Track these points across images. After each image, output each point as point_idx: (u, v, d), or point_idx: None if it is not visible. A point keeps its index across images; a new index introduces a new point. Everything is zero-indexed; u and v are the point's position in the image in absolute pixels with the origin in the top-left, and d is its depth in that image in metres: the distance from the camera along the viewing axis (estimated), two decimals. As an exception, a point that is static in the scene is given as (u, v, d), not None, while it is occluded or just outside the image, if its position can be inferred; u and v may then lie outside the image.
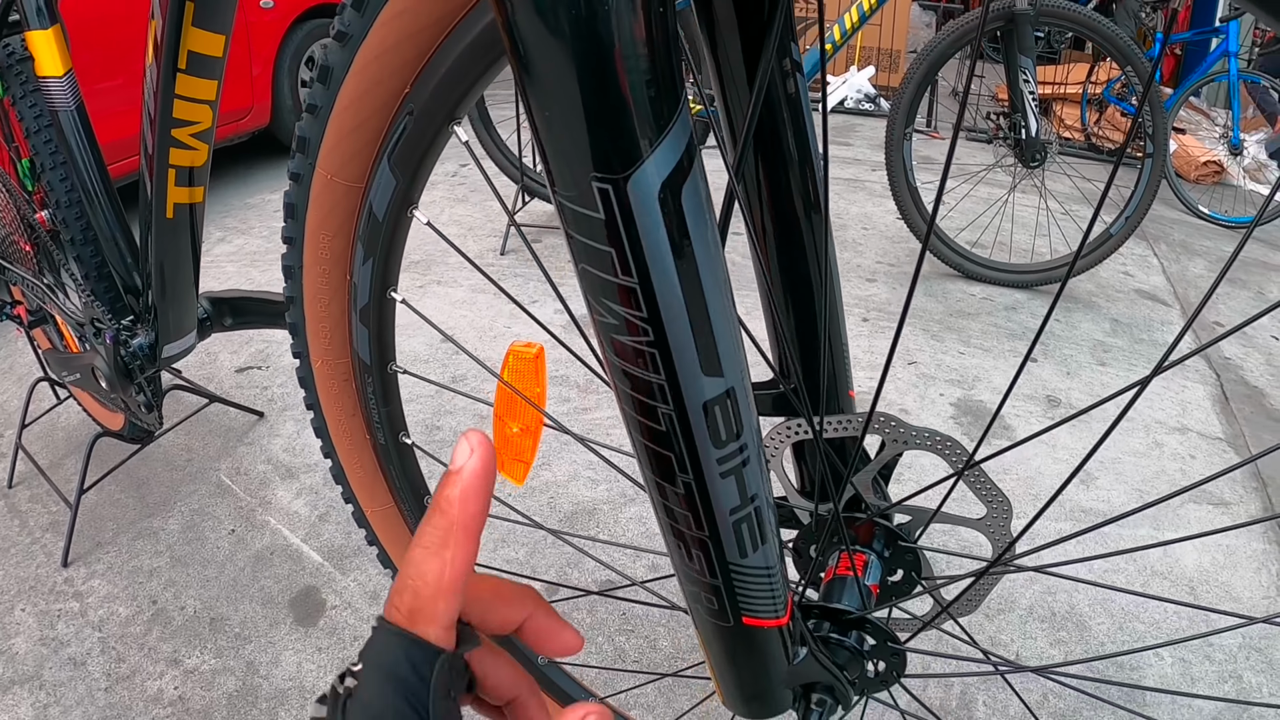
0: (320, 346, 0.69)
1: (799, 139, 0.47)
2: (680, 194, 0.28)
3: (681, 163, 0.27)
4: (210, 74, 0.87)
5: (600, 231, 0.28)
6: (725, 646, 0.42)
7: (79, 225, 1.15)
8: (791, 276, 0.51)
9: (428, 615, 0.30)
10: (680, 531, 0.36)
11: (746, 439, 0.32)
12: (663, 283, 0.28)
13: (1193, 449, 1.72)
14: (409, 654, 0.29)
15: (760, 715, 0.48)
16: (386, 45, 0.48)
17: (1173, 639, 1.26)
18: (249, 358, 1.98)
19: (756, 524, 0.35)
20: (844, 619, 0.51)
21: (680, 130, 0.27)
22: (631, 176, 0.27)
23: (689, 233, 0.28)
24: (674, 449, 0.32)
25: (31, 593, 1.27)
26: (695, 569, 0.37)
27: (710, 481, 0.33)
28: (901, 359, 2.03)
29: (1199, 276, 2.59)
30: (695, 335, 0.29)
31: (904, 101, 2.21)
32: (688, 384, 0.30)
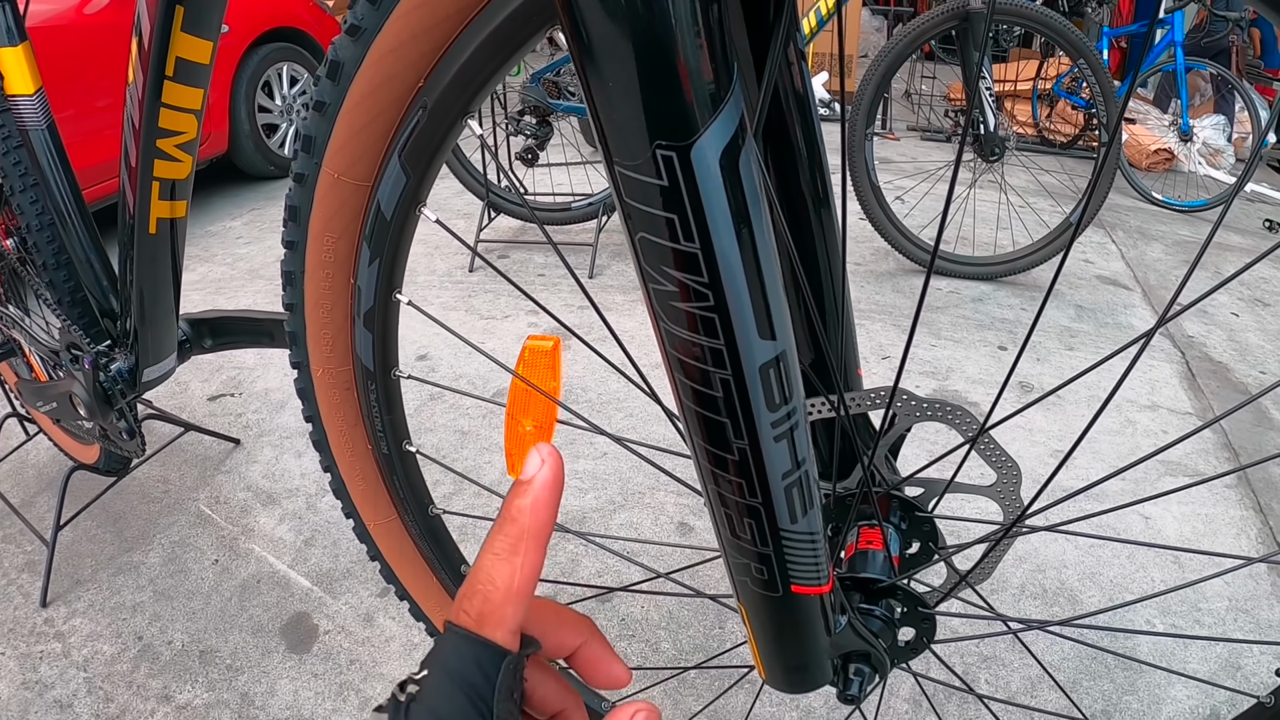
0: (322, 354, 0.68)
1: (806, 129, 0.48)
2: (737, 162, 0.28)
3: (738, 132, 0.28)
4: (198, 82, 0.85)
5: (662, 199, 0.28)
6: (773, 618, 0.42)
7: (52, 249, 1.12)
8: (800, 257, 0.52)
9: (496, 619, 0.31)
10: (732, 501, 0.36)
11: (796, 403, 0.33)
12: (724, 247, 0.29)
13: (1164, 424, 1.76)
14: (477, 656, 0.30)
15: (803, 687, 0.48)
16: (403, 39, 0.48)
17: (1166, 589, 1.28)
18: (220, 385, 1.94)
19: (806, 487, 0.35)
20: (874, 588, 0.51)
21: (736, 101, 0.28)
22: (694, 144, 0.27)
23: (745, 199, 0.29)
24: (731, 414, 0.32)
25: (11, 635, 1.22)
26: (746, 539, 0.37)
27: (765, 446, 0.33)
28: (875, 354, 2.06)
29: (1157, 260, 2.66)
30: (753, 299, 0.30)
31: (863, 104, 2.25)
32: (745, 348, 0.30)
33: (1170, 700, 1.13)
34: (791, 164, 0.50)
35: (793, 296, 0.54)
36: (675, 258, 0.29)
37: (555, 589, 1.29)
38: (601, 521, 1.46)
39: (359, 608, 1.27)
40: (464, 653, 0.30)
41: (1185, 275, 0.35)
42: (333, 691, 1.13)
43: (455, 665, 0.30)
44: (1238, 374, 1.99)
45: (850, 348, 0.58)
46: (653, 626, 1.23)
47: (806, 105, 0.49)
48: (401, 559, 0.80)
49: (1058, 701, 1.11)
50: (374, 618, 1.25)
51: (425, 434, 1.72)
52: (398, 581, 0.82)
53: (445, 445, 1.69)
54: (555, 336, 0.55)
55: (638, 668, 1.15)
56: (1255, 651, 1.21)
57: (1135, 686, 1.14)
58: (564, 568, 1.35)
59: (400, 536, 0.79)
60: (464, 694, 0.29)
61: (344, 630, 1.23)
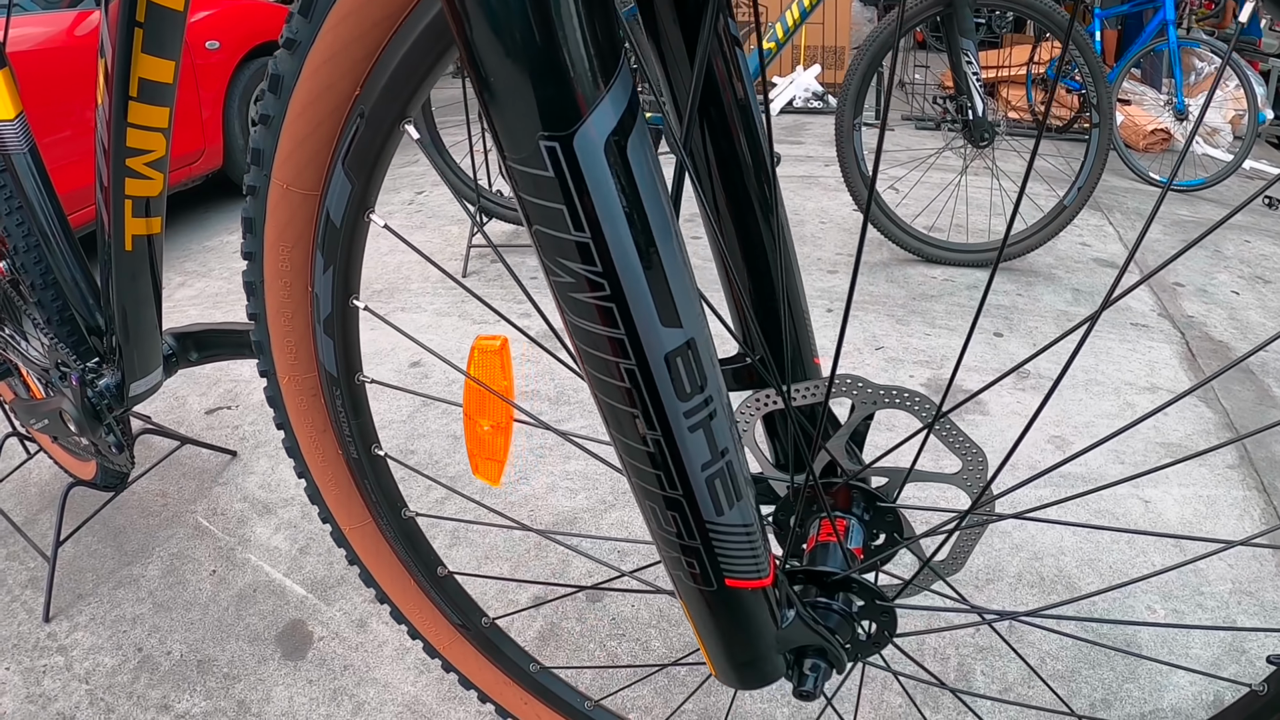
0: (286, 362, 0.69)
1: (743, 111, 0.48)
2: (626, 148, 0.28)
3: (624, 119, 0.28)
4: (162, 101, 0.86)
5: (550, 190, 0.28)
6: (710, 613, 0.42)
7: (39, 269, 1.13)
8: (746, 247, 0.52)
9: None
10: (654, 494, 0.36)
11: (711, 391, 0.33)
12: (614, 235, 0.29)
13: (1162, 407, 1.75)
14: None
15: (754, 684, 0.48)
16: (335, 49, 0.49)
17: (1155, 571, 1.27)
18: (218, 398, 1.96)
19: (730, 479, 0.35)
20: (829, 581, 0.51)
21: (622, 87, 0.28)
22: (576, 133, 0.27)
23: (637, 185, 0.29)
24: (640, 405, 0.32)
25: (15, 650, 1.24)
26: (672, 532, 0.37)
27: (679, 436, 0.33)
28: (868, 345, 2.05)
29: (1155, 240, 2.64)
30: (650, 286, 0.30)
31: (850, 93, 2.25)
32: (647, 336, 0.30)
33: (1172, 687, 1.11)
34: (729, 142, 0.50)
35: (739, 285, 0.54)
36: (569, 249, 0.29)
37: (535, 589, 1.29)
38: (593, 521, 1.46)
39: (352, 614, 1.28)
40: None
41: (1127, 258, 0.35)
42: (327, 697, 1.13)
43: None
44: (1239, 351, 1.98)
45: (804, 333, 0.58)
46: (643, 625, 1.23)
47: (750, 113, 0.49)
48: (379, 562, 0.81)
49: (1057, 690, 1.10)
50: (367, 623, 1.26)
51: (418, 440, 1.73)
52: (377, 585, 0.82)
53: (438, 450, 1.69)
54: (503, 336, 0.56)
55: (612, 666, 1.16)
56: (1260, 634, 1.20)
57: (1136, 674, 1.13)
58: (555, 569, 1.36)
59: (376, 540, 0.80)
60: None
61: (338, 636, 1.24)
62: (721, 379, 0.34)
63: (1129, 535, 1.40)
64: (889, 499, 0.60)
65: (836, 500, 0.60)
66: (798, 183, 3.38)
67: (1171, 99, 3.37)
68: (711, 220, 0.53)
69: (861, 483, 0.60)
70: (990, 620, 0.59)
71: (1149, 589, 1.28)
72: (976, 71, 2.15)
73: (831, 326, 2.16)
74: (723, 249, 0.53)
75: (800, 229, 2.85)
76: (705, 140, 0.50)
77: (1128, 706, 1.08)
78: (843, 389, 0.55)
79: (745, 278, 0.54)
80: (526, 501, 1.53)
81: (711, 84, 0.47)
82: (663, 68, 0.48)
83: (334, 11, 0.46)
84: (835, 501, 0.60)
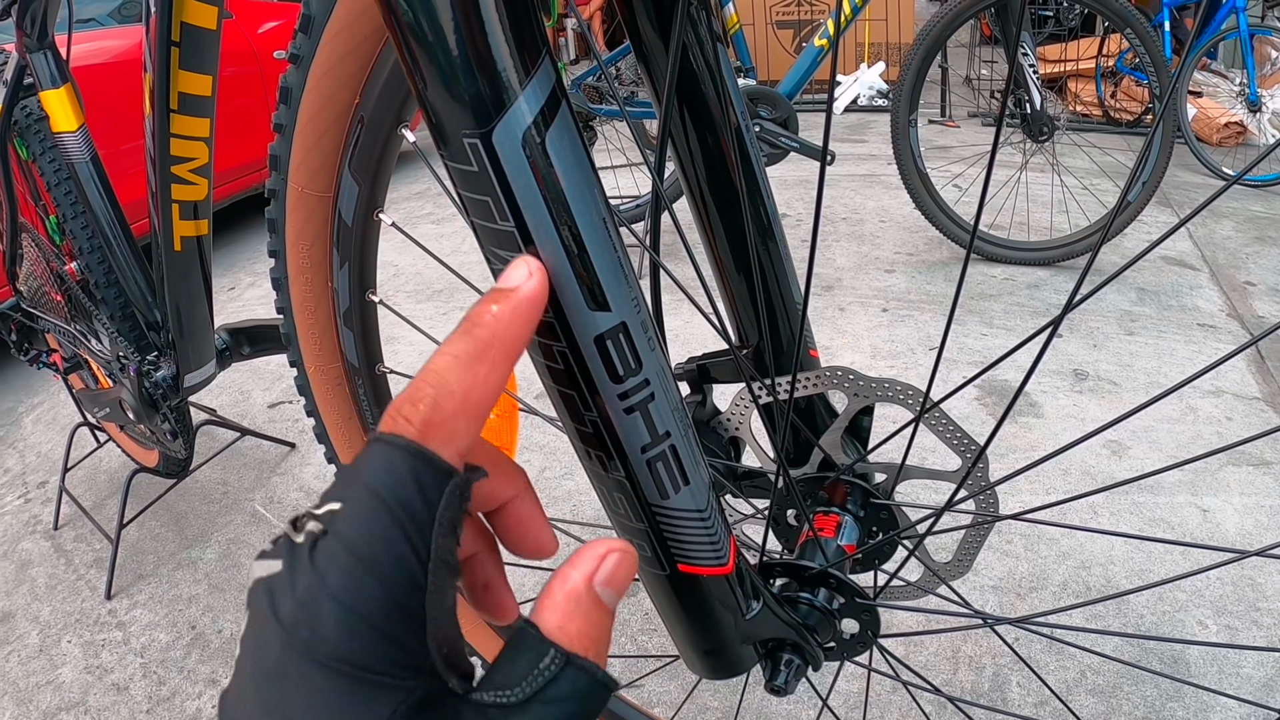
0: (312, 353, 0.72)
1: (722, 102, 0.49)
2: (545, 141, 0.30)
3: (544, 112, 0.30)
4: (202, 113, 0.92)
5: (477, 183, 0.30)
6: (665, 597, 0.42)
7: (101, 269, 1.20)
8: (732, 240, 0.52)
9: (446, 432, 0.24)
10: (600, 475, 0.37)
11: (649, 374, 0.34)
12: (537, 223, 0.30)
13: (1229, 410, 1.67)
14: (416, 471, 0.23)
15: (721, 674, 0.48)
16: (331, 62, 0.52)
17: (1157, 581, 1.22)
18: (280, 393, 2.04)
19: (674, 462, 0.36)
20: (805, 575, 0.51)
21: (542, 82, 0.29)
22: (494, 130, 0.29)
23: (558, 175, 0.30)
24: (576, 387, 0.33)
25: (77, 625, 1.32)
26: (621, 513, 0.38)
27: (616, 418, 0.34)
28: (922, 345, 2.02)
29: (1227, 238, 2.53)
30: (575, 271, 0.31)
31: (905, 88, 2.21)
32: (575, 318, 0.32)
33: (1220, 708, 1.06)
34: (721, 163, 0.51)
35: (729, 279, 0.55)
36: (498, 237, 0.31)
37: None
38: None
39: (395, 601, 1.32)
40: (400, 467, 0.23)
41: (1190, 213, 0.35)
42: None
43: (387, 482, 0.23)
44: (1314, 356, 1.88)
45: (796, 326, 0.58)
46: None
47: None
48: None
49: (1094, 708, 1.07)
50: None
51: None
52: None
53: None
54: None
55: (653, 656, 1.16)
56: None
57: (1181, 693, 1.08)
58: None
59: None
60: (394, 520, 0.23)
61: (380, 623, 1.28)
62: (664, 364, 0.35)
63: (1183, 547, 1.34)
64: (884, 495, 0.60)
65: (832, 496, 0.60)
66: (859, 181, 3.34)
67: (1244, 90, 3.21)
68: (699, 212, 0.54)
69: (858, 478, 0.60)
70: (991, 624, 0.58)
71: (1201, 603, 1.23)
72: (1033, 64, 2.09)
73: (885, 325, 2.13)
74: (710, 240, 0.54)
75: (859, 228, 2.81)
76: (687, 132, 0.51)
77: (1170, 726, 1.05)
78: (832, 382, 0.55)
79: (733, 271, 0.55)
80: (570, 497, 1.55)
81: (689, 76, 0.48)
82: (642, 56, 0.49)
83: (328, 28, 0.49)
84: (828, 497, 0.60)
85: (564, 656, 0.25)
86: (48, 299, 1.41)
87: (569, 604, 0.26)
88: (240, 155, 3.05)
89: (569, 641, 0.25)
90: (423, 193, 3.81)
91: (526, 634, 0.26)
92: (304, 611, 0.21)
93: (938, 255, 2.53)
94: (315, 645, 0.21)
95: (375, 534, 0.22)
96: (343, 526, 0.22)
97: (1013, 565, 1.31)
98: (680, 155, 0.51)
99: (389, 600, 0.22)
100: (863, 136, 4.12)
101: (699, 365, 0.59)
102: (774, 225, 0.56)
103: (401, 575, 0.22)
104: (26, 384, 2.26)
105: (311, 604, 0.21)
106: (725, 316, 0.57)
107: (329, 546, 0.22)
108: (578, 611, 0.26)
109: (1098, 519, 1.40)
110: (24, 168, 1.32)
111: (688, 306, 2.28)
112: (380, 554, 0.22)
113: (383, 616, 0.22)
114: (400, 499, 0.23)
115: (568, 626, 0.26)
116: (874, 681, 1.12)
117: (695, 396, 0.60)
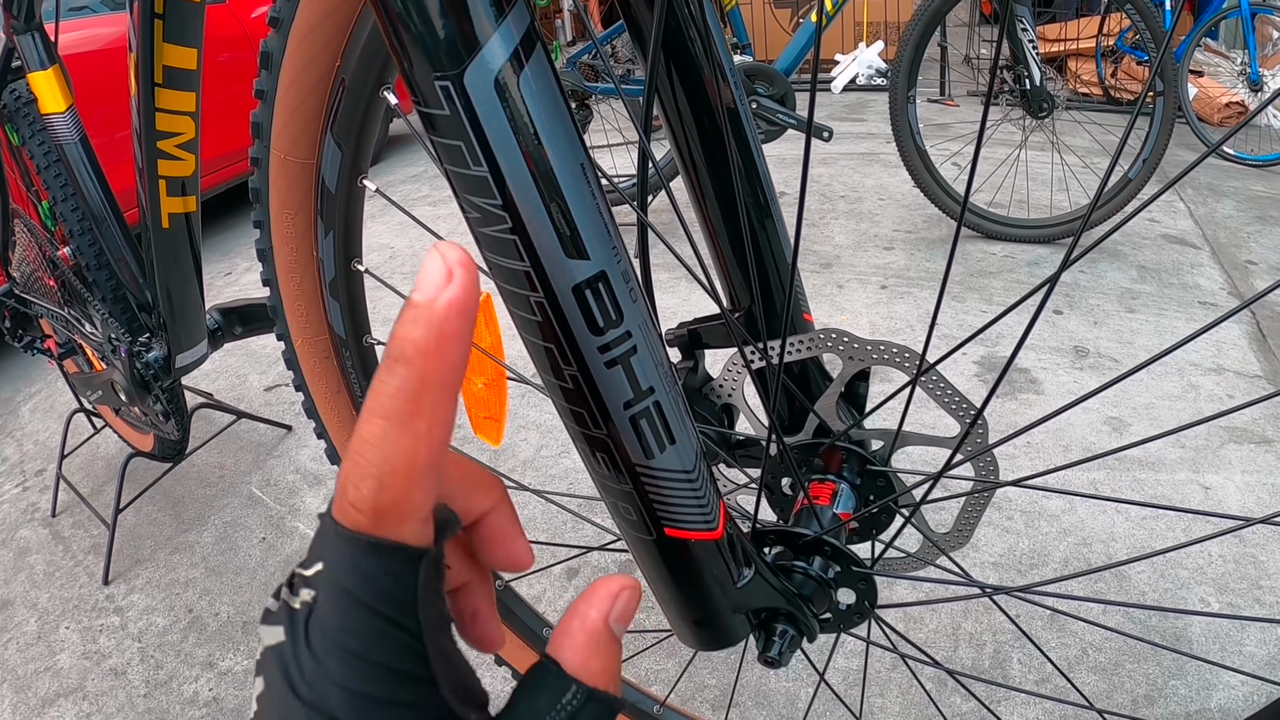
0: (299, 325, 0.71)
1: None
2: (519, 83, 0.29)
3: (518, 53, 0.29)
4: (187, 86, 0.90)
5: (449, 127, 0.29)
6: (652, 563, 0.41)
7: (92, 250, 1.19)
8: (723, 201, 0.51)
9: (401, 511, 0.23)
10: (582, 434, 0.36)
11: (630, 326, 0.33)
12: (511, 168, 0.29)
13: (1230, 388, 1.66)
14: (384, 566, 0.22)
15: (713, 645, 0.46)
16: (311, 24, 0.51)
17: (1160, 549, 1.22)
18: (276, 376, 2.03)
19: (659, 420, 0.35)
20: (799, 542, 0.50)
21: (514, 24, 0.28)
22: (465, 72, 0.28)
23: (532, 119, 0.29)
24: (553, 339, 0.32)
25: (75, 611, 1.32)
26: (604, 473, 0.37)
27: (596, 372, 0.33)
28: (922, 321, 2.00)
29: (1228, 217, 2.51)
30: (551, 218, 0.30)
31: (904, 64, 2.19)
32: (552, 267, 0.31)
33: (1222, 686, 1.05)
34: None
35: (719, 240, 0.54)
36: (472, 183, 0.30)
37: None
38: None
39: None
40: (364, 564, 0.22)
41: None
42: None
43: (357, 581, 0.22)
44: (1316, 332, 1.86)
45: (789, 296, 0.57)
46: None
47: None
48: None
49: (1095, 685, 1.06)
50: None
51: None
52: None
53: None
54: (485, 291, 0.56)
55: (638, 631, 1.16)
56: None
57: (1183, 670, 1.07)
58: (556, 528, 1.37)
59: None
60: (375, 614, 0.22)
61: (377, 604, 1.27)
62: (648, 316, 0.34)
63: (1185, 523, 1.34)
64: (882, 462, 0.59)
65: (827, 463, 0.59)
66: (858, 160, 3.32)
67: (1245, 69, 3.17)
68: (689, 176, 0.53)
69: (852, 444, 0.58)
70: (990, 594, 0.57)
71: (1204, 580, 1.22)
72: (1033, 39, 2.07)
73: (884, 301, 2.12)
74: (700, 200, 0.52)
75: (858, 205, 2.80)
76: (676, 97, 0.49)
77: (1172, 705, 1.03)
78: (826, 344, 0.54)
79: (724, 233, 0.54)
80: (566, 475, 1.54)
81: (675, 30, 0.47)
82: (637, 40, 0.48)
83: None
84: (824, 464, 0.58)
85: (586, 692, 0.27)
86: (41, 284, 1.40)
87: (590, 643, 0.27)
88: (234, 141, 3.02)
89: (590, 678, 0.27)
90: (418, 175, 3.79)
91: (548, 670, 0.27)
92: (316, 695, 0.22)
93: (936, 233, 2.51)
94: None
95: (361, 629, 0.22)
96: (327, 621, 0.22)
97: (1013, 542, 1.30)
98: (669, 118, 0.50)
99: (394, 678, 0.23)
100: (861, 115, 4.09)
101: (690, 330, 0.58)
102: (766, 190, 0.55)
103: (399, 655, 0.23)
104: (24, 373, 2.26)
105: (321, 689, 0.22)
106: (717, 281, 0.56)
107: (320, 639, 0.22)
108: (598, 650, 0.27)
109: (1098, 497, 1.39)
110: (15, 153, 1.31)
111: (684, 284, 2.26)
112: (372, 645, 0.22)
113: (393, 690, 0.22)
114: (376, 593, 0.22)
115: (589, 664, 0.27)
116: (873, 659, 1.11)
117: (687, 363, 0.59)
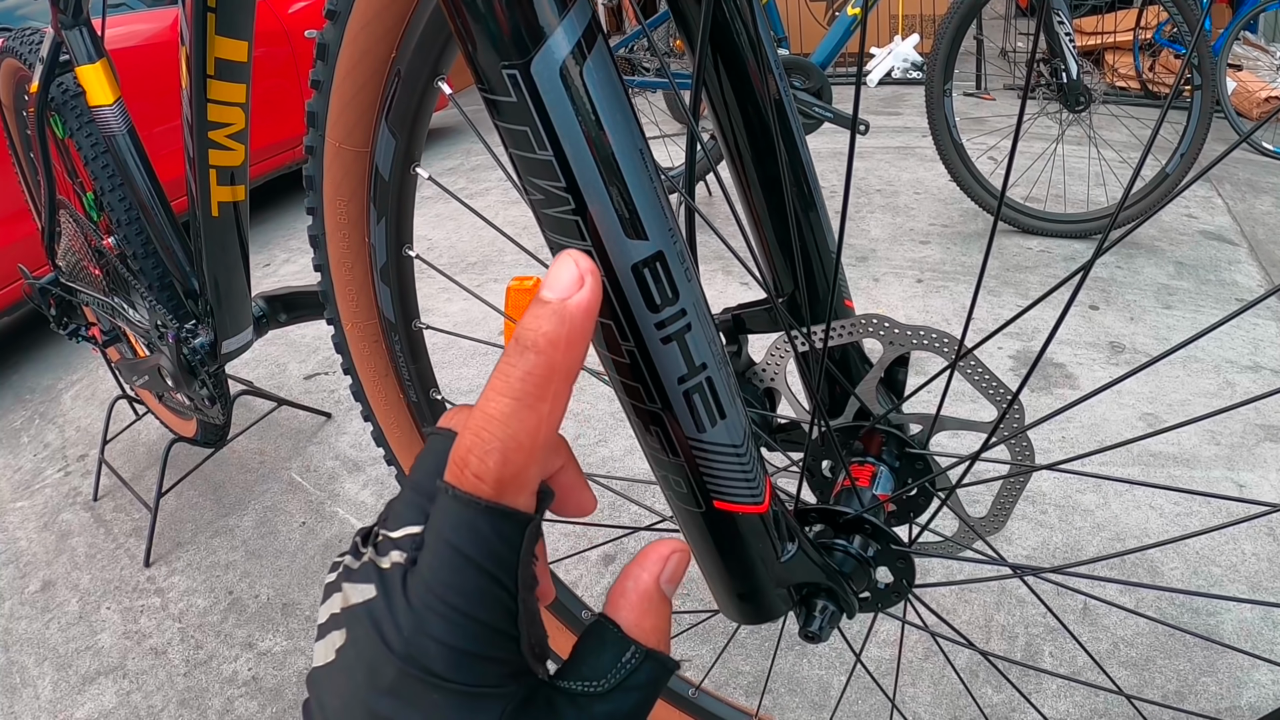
0: (349, 309, 0.73)
1: (757, 55, 0.49)
2: (583, 71, 0.30)
3: (581, 44, 0.30)
4: (238, 78, 0.93)
5: (516, 113, 0.31)
6: (701, 535, 0.42)
7: (140, 240, 1.22)
8: (768, 190, 0.52)
9: (520, 482, 0.25)
10: (637, 408, 0.37)
11: (685, 305, 0.34)
12: (575, 152, 0.31)
13: (1267, 386, 1.64)
14: (497, 528, 0.25)
15: (755, 619, 0.47)
16: (369, 16, 0.52)
17: (1188, 533, 1.20)
18: (316, 365, 2.06)
19: (711, 395, 0.36)
20: (840, 521, 0.51)
21: (577, 16, 0.30)
22: (532, 61, 0.30)
23: (595, 105, 0.31)
24: (613, 316, 0.33)
25: (116, 592, 1.35)
26: (656, 447, 0.38)
27: (651, 347, 0.34)
28: (957, 315, 2.00)
29: (1266, 213, 2.46)
30: (613, 200, 0.31)
31: (939, 58, 2.18)
32: (612, 246, 0.32)
33: (1253, 684, 1.04)
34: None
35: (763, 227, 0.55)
36: (536, 167, 0.32)
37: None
38: (642, 462, 1.48)
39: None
40: (481, 527, 0.25)
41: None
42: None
43: (472, 542, 0.25)
44: (1358, 330, 1.83)
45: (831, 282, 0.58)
46: (706, 587, 1.24)
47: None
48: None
49: (1126, 680, 1.05)
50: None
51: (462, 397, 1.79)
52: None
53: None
54: (536, 277, 0.58)
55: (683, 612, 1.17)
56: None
57: (1214, 667, 1.07)
58: (593, 514, 1.38)
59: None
60: (485, 574, 0.25)
61: (413, 588, 1.30)
62: (700, 296, 0.35)
63: (1219, 519, 1.32)
64: (920, 445, 0.59)
65: (866, 446, 0.60)
66: (894, 154, 3.30)
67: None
68: (734, 163, 0.53)
69: (894, 428, 0.59)
70: (1022, 574, 0.58)
71: (1237, 578, 1.21)
72: (1069, 32, 2.05)
73: (920, 295, 2.11)
74: (744, 187, 0.53)
75: (894, 199, 2.78)
76: (722, 83, 0.50)
77: (1202, 700, 1.03)
78: (867, 329, 0.54)
79: (768, 221, 0.54)
80: (604, 463, 1.56)
81: (721, 21, 0.47)
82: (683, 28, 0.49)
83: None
84: (864, 447, 0.59)
85: (643, 651, 0.29)
86: (86, 273, 1.44)
87: (644, 603, 0.30)
88: (271, 134, 3.07)
89: (644, 637, 0.29)
90: (456, 168, 3.83)
91: (608, 630, 0.29)
92: (413, 649, 0.24)
93: (973, 227, 2.49)
94: (428, 674, 0.24)
95: (469, 588, 0.25)
96: (433, 579, 0.25)
97: (1047, 535, 1.30)
98: (715, 109, 0.51)
99: (490, 635, 0.25)
100: (897, 109, 4.07)
101: (734, 315, 0.59)
102: (811, 180, 0.55)
103: (497, 613, 0.25)
104: (65, 361, 2.31)
105: (419, 644, 0.24)
106: (762, 267, 0.57)
107: (423, 595, 0.24)
108: (651, 610, 0.30)
109: (1132, 493, 1.38)
110: (60, 145, 1.35)
111: (720, 277, 2.27)
112: (476, 604, 0.25)
113: (486, 647, 0.25)
114: (488, 555, 0.25)
115: (643, 623, 0.29)
116: (906, 647, 1.12)
117: (731, 347, 0.60)
